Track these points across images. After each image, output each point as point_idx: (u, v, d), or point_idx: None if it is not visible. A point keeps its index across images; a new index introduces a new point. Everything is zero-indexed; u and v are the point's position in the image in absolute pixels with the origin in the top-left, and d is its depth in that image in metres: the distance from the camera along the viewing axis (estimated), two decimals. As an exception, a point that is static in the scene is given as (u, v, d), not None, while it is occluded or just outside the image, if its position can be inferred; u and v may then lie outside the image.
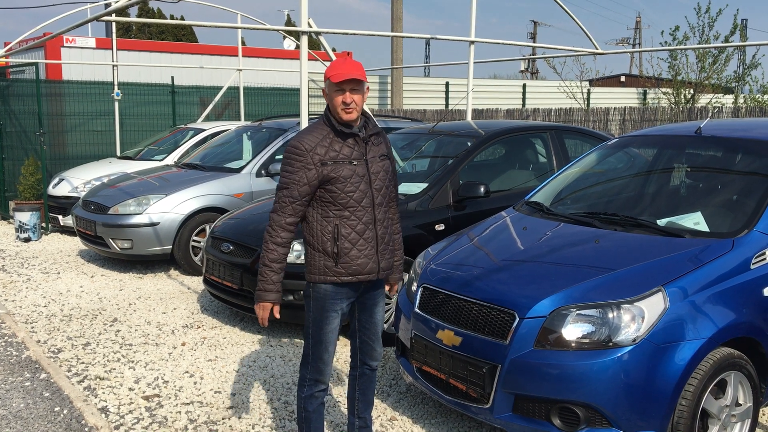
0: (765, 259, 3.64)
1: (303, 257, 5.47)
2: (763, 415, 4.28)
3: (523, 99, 20.18)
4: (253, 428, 4.17)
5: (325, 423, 4.14)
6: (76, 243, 9.58)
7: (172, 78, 14.41)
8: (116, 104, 13.03)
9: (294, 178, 3.18)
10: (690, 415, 3.29)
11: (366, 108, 7.30)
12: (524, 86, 20.73)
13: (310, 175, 3.17)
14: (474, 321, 3.66)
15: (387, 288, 3.65)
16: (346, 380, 4.62)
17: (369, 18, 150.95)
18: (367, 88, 3.32)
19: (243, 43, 15.40)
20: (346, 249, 3.24)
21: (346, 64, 3.20)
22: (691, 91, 17.74)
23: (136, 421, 4.26)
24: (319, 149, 3.18)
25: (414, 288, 4.20)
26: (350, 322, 3.58)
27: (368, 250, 3.28)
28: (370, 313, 3.50)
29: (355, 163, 3.24)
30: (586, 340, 3.33)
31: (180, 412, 4.37)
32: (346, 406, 4.32)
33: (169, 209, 7.71)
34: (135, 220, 7.68)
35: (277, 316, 3.33)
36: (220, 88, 14.16)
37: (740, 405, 3.56)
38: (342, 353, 5.26)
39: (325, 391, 3.47)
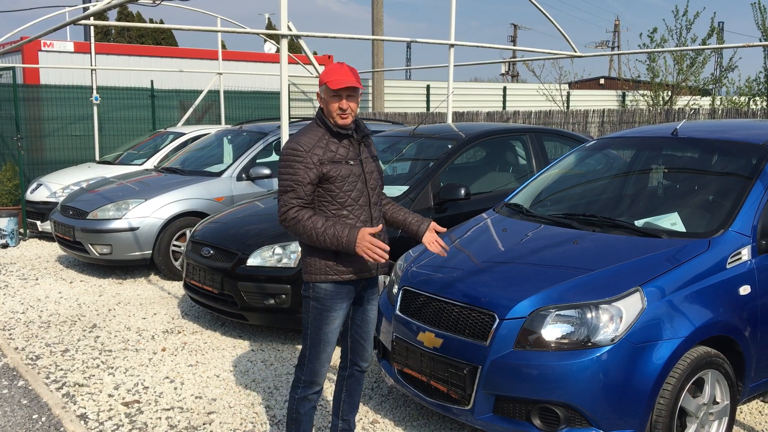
0: (741, 258, 3.69)
1: (284, 261, 5.46)
2: (740, 413, 4.33)
3: (504, 102, 20.30)
4: (234, 433, 4.15)
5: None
6: (55, 249, 9.48)
7: (152, 82, 14.32)
8: (95, 108, 12.91)
9: (297, 178, 3.19)
10: (668, 414, 3.32)
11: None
12: (504, 89, 20.85)
13: (312, 174, 3.20)
14: (455, 323, 3.68)
15: (432, 233, 3.45)
16: (332, 385, 4.62)
17: (349, 21, 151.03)
18: (360, 93, 3.37)
19: (223, 47, 15.36)
20: None
21: (343, 71, 3.26)
22: (669, 93, 17.93)
23: (115, 427, 4.22)
24: (317, 150, 3.23)
25: (395, 290, 4.21)
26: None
27: None
28: (364, 311, 3.52)
29: (351, 162, 3.30)
30: (566, 341, 3.35)
31: (160, 418, 4.34)
32: (329, 409, 4.32)
33: (148, 214, 7.66)
34: (114, 225, 7.62)
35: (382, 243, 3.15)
36: (201, 91, 14.09)
37: (718, 403, 3.61)
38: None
39: (318, 394, 3.47)
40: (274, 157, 8.54)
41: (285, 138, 5.65)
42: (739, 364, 3.69)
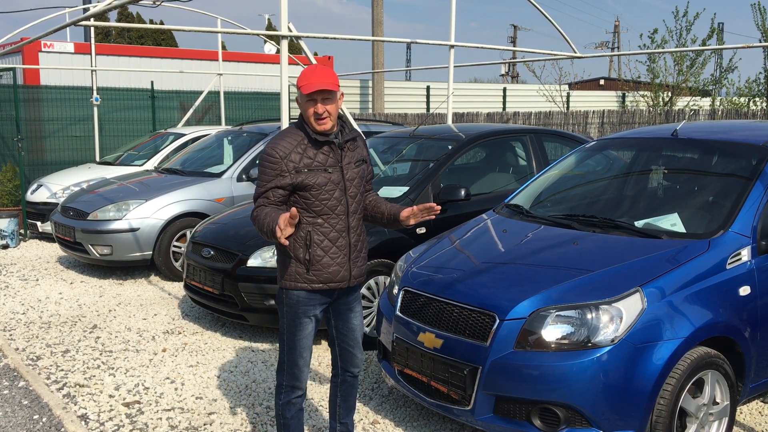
0: (740, 259, 3.69)
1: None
2: (740, 413, 4.33)
3: (504, 102, 20.32)
4: (234, 434, 4.16)
5: (306, 428, 4.14)
6: (55, 249, 9.48)
7: (152, 83, 14.33)
8: (95, 109, 12.92)
9: (269, 186, 3.17)
10: (668, 414, 3.33)
11: (346, 110, 7.32)
12: (504, 90, 20.87)
13: (284, 182, 3.15)
14: (455, 323, 3.68)
15: (408, 212, 3.28)
16: (328, 384, 4.62)
17: (349, 22, 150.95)
18: (342, 95, 3.27)
19: (223, 48, 15.37)
20: (318, 256, 3.22)
21: (316, 74, 3.14)
22: (669, 94, 17.94)
23: (116, 428, 4.22)
24: (293, 156, 3.15)
25: (395, 291, 4.21)
26: (327, 329, 3.57)
27: (340, 258, 3.27)
28: (346, 320, 3.48)
29: (329, 170, 3.20)
30: (566, 341, 3.35)
31: (161, 419, 4.34)
32: (327, 410, 4.33)
33: (149, 214, 7.66)
34: (114, 225, 7.62)
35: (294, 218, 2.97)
36: (201, 92, 14.09)
37: (717, 404, 3.61)
38: (325, 357, 5.25)
39: (302, 397, 3.45)
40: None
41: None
42: (739, 364, 3.70)
